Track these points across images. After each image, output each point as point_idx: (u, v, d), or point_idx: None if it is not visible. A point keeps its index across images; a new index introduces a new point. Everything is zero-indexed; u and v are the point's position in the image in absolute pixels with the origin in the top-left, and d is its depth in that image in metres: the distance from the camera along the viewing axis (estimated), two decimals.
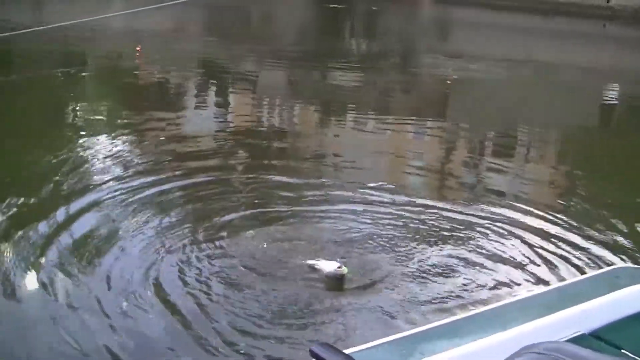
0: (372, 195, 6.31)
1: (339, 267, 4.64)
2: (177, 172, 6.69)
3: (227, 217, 5.62)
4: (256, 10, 22.05)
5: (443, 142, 8.89)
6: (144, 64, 13.22)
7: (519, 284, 4.78)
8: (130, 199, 5.83)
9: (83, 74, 11.85)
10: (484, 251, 5.25)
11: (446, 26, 21.97)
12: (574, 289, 2.71)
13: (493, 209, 6.13)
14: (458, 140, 9.23)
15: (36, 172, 6.63)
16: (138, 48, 14.17)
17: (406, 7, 24.10)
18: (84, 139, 7.80)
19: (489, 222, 5.80)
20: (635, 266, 3.02)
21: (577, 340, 2.27)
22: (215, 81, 11.79)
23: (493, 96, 12.00)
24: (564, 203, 6.67)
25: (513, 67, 14.91)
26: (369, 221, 5.70)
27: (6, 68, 11.49)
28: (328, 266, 4.70)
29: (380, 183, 6.67)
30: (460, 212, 5.98)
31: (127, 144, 7.74)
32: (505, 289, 4.69)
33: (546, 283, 4.75)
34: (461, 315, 3.05)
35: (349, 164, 7.42)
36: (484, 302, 4.35)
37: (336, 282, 4.62)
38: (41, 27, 12.25)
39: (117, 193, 5.96)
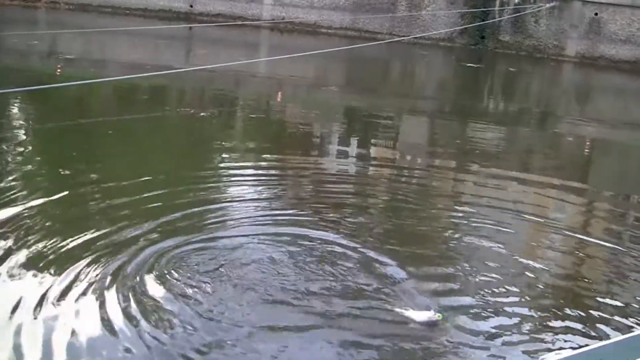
0: None
1: (433, 314, 4.69)
2: None
3: None
4: (395, 66, 22.20)
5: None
6: (284, 109, 13.44)
7: None
8: None
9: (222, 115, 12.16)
10: None
11: (587, 90, 21.49)
12: (602, 352, 2.57)
13: None
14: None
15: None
16: (279, 96, 14.42)
17: (547, 69, 23.80)
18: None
19: None
20: None
21: None
22: (355, 132, 11.84)
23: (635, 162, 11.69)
24: None
25: None
26: None
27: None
28: (420, 315, 4.73)
29: None
30: None
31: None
32: None
33: None
34: None
35: None
36: None
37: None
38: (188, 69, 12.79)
39: None
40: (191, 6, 26.31)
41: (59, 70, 13.96)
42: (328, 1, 25.58)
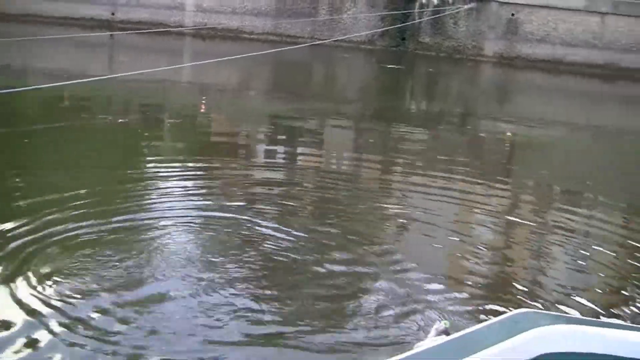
0: None
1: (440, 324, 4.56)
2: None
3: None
4: (318, 69, 22.45)
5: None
6: (209, 115, 13.52)
7: None
8: None
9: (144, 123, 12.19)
10: None
11: (506, 89, 22.08)
12: (473, 337, 2.63)
13: None
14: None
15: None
16: (202, 103, 14.48)
17: (466, 69, 24.35)
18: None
19: None
20: (534, 310, 2.92)
21: None
22: (280, 136, 12.00)
23: (552, 159, 12.10)
24: None
25: (573, 131, 14.99)
26: None
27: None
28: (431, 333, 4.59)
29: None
30: None
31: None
32: None
33: None
34: None
35: None
36: None
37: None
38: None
39: None
40: (113, 14, 26.13)
41: None
42: (250, 7, 25.68)
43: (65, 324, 4.59)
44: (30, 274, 5.19)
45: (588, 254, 6.87)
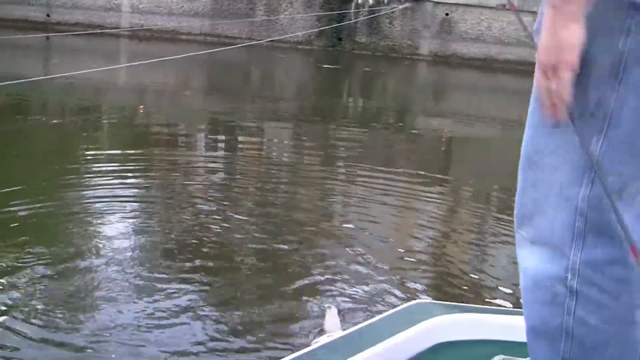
0: None
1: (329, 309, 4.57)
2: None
3: None
4: (255, 70, 22.58)
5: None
6: (148, 117, 13.55)
7: None
8: None
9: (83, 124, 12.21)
10: None
11: (442, 88, 22.49)
12: (369, 330, 2.65)
13: None
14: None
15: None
16: (141, 108, 14.48)
17: (401, 68, 24.71)
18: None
19: None
20: (428, 301, 3.02)
21: None
22: (220, 136, 12.11)
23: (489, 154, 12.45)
24: None
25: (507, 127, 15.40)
26: None
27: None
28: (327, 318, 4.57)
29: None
30: None
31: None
32: None
33: None
34: None
35: None
36: None
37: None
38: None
39: None
40: (48, 15, 25.90)
41: None
42: (187, 7, 25.71)
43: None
44: None
45: None
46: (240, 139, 11.93)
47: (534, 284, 1.78)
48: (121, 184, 7.98)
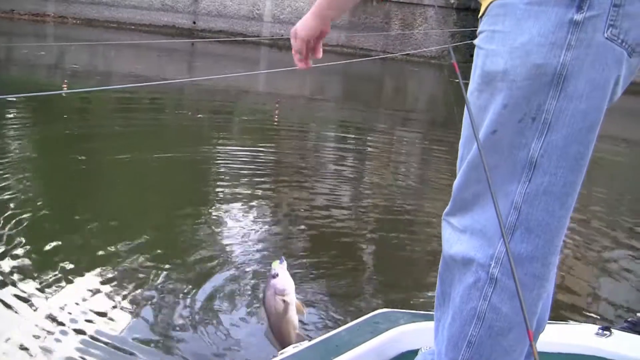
0: None
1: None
2: None
3: None
4: (389, 82, 22.94)
5: None
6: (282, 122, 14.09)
7: None
8: None
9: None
10: None
11: None
12: (335, 340, 2.63)
13: None
14: None
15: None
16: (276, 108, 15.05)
17: None
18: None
19: None
20: (393, 310, 2.96)
21: None
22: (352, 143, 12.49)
23: None
24: None
25: None
26: None
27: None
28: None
29: None
30: None
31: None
32: None
33: None
34: None
35: None
36: None
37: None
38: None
39: None
40: (194, 22, 27.14)
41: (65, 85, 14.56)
42: None
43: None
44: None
45: None
46: (369, 145, 12.24)
47: (463, 266, 1.91)
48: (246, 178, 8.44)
